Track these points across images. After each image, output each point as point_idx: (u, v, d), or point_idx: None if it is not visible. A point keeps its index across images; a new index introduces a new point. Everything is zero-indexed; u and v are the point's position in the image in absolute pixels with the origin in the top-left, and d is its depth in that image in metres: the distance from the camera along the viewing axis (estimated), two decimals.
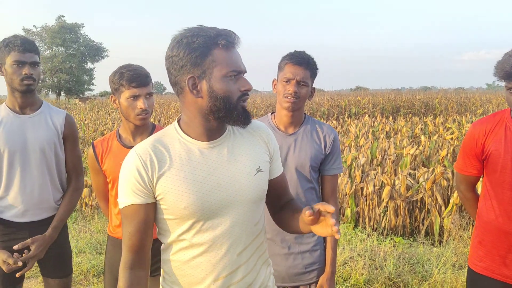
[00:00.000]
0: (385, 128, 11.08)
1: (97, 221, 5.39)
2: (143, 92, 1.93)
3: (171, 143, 1.27)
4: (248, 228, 1.30)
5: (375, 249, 4.15)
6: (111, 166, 2.01)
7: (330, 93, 27.60)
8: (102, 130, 12.29)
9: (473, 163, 1.93)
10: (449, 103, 18.84)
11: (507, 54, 1.73)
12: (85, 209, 5.93)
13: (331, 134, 1.97)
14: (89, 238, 4.77)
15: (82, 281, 3.81)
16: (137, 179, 1.23)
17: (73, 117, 2.25)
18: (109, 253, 2.12)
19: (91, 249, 4.44)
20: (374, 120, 13.71)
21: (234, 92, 1.21)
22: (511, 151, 1.79)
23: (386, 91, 24.25)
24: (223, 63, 1.19)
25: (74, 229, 5.12)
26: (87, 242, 4.60)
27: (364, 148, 7.57)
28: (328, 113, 17.94)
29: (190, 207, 1.21)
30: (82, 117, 16.98)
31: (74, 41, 50.51)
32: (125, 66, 1.96)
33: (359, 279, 3.50)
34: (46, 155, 2.11)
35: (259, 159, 1.33)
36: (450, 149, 7.14)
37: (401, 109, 18.50)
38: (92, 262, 4.04)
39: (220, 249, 1.26)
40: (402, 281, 3.51)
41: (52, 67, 48.59)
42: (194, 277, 1.28)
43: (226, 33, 1.21)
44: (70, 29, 50.12)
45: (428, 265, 3.77)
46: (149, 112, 1.97)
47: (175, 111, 18.42)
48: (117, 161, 2.01)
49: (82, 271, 3.94)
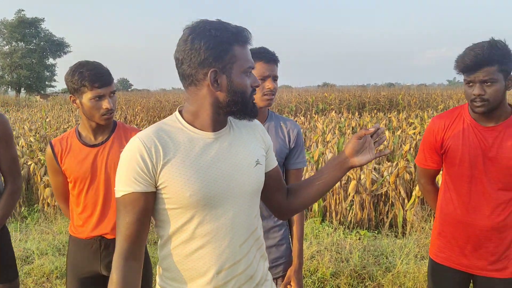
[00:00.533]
0: (351, 124, 11.30)
1: (59, 221, 5.23)
2: (107, 91, 1.89)
3: (174, 132, 1.27)
4: (248, 220, 1.32)
5: (341, 243, 4.23)
6: (72, 165, 1.96)
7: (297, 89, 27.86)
8: (65, 128, 11.93)
9: (433, 157, 1.99)
10: (412, 99, 19.38)
11: (468, 48, 1.78)
12: (47, 209, 5.75)
13: (294, 129, 2.00)
14: (51, 239, 4.62)
15: (44, 284, 3.69)
16: (140, 166, 1.20)
17: (5, 116, 2.11)
18: (71, 254, 2.06)
19: (53, 250, 4.31)
20: (341, 116, 13.96)
21: (248, 87, 1.27)
22: (468, 145, 1.85)
23: (352, 88, 24.70)
24: (242, 59, 1.24)
25: (35, 231, 4.95)
26: (50, 244, 4.46)
27: (331, 143, 7.70)
28: (296, 109, 18.11)
29: (196, 195, 1.21)
30: (44, 114, 16.41)
31: (34, 36, 48.62)
32: (83, 65, 1.89)
33: (326, 272, 3.56)
34: None
35: (256, 153, 1.36)
36: (413, 144, 7.36)
37: (366, 105, 18.89)
38: (55, 264, 3.93)
39: (223, 240, 1.26)
40: (367, 272, 3.59)
41: (12, 63, 46.62)
42: (196, 270, 1.26)
43: (244, 30, 1.26)
44: (30, 23, 48.20)
45: (392, 257, 3.88)
46: (114, 111, 1.93)
47: (142, 108, 18.09)
48: (78, 160, 1.96)
49: (44, 273, 3.82)
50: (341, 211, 5.23)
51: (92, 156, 1.96)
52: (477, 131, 1.85)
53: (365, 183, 5.27)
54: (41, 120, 14.33)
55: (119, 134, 2.03)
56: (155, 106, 18.45)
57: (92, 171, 1.95)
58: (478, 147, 1.83)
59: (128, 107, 19.38)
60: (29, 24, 48.18)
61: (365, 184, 5.25)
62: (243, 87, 1.25)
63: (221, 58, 1.21)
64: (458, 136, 1.88)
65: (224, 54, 1.22)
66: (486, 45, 1.72)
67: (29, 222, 5.39)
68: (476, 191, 1.86)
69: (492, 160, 1.82)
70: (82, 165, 1.95)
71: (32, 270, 3.88)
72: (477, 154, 1.84)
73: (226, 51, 1.22)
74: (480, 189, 1.85)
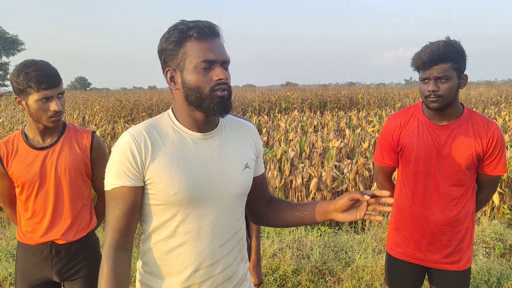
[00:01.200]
0: (313, 122, 11.47)
1: (13, 227, 5.01)
2: (55, 93, 1.81)
3: (165, 130, 1.29)
4: (231, 221, 1.33)
5: (303, 240, 4.29)
6: (19, 169, 1.86)
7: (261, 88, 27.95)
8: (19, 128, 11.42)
9: (390, 155, 2.05)
10: (371, 98, 19.90)
11: (424, 46, 1.84)
12: (0, 214, 5.49)
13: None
14: (5, 244, 4.42)
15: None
16: (130, 161, 1.23)
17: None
18: (20, 260, 1.97)
19: (7, 256, 4.13)
20: (303, 115, 14.13)
21: (206, 82, 1.23)
22: (423, 143, 1.91)
23: (314, 87, 25.06)
24: (193, 54, 1.22)
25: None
26: (3, 249, 4.27)
27: (293, 142, 7.80)
28: (259, 108, 18.18)
29: (180, 193, 1.23)
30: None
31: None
32: (29, 65, 1.80)
33: (287, 269, 3.61)
34: None
35: (247, 156, 1.37)
36: (372, 141, 7.56)
37: (328, 104, 19.23)
38: (9, 270, 3.76)
39: (204, 239, 1.28)
40: (327, 268, 3.67)
41: None
42: (175, 266, 1.28)
43: (200, 25, 1.23)
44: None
45: (351, 252, 3.98)
46: (62, 112, 1.86)
47: (100, 108, 17.58)
48: (26, 164, 1.86)
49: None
50: None
51: (41, 160, 1.88)
52: (431, 129, 1.91)
53: (326, 180, 5.38)
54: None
55: (69, 136, 1.95)
56: (115, 105, 17.98)
57: (41, 175, 1.87)
58: (432, 145, 1.90)
59: (87, 106, 18.79)
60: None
61: (326, 182, 5.36)
62: (195, 82, 1.23)
63: (174, 57, 1.25)
64: (413, 135, 1.94)
65: (176, 52, 1.24)
66: (442, 43, 1.79)
67: None
68: (430, 187, 1.92)
69: (445, 157, 1.89)
70: (30, 169, 1.86)
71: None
72: (431, 152, 1.90)
73: (177, 49, 1.24)
74: (434, 185, 1.92)
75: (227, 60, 1.27)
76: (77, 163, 1.91)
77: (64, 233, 1.91)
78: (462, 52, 1.82)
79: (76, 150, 1.93)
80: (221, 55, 1.25)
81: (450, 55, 1.78)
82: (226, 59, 1.27)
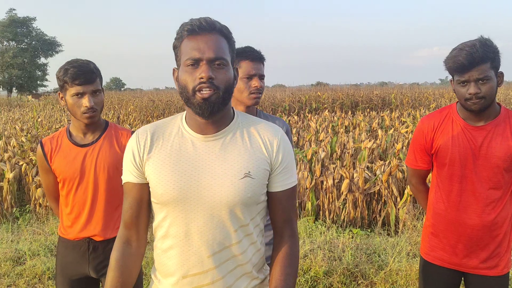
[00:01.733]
0: (344, 122, 11.33)
1: (51, 222, 5.20)
2: (88, 89, 1.87)
3: (170, 130, 1.29)
4: (224, 232, 1.23)
5: (334, 241, 4.24)
6: (61, 165, 1.94)
7: (291, 89, 27.89)
8: (57, 127, 11.83)
9: (423, 157, 2.00)
10: (404, 98, 19.48)
11: (457, 49, 1.79)
12: (39, 210, 5.71)
13: (283, 127, 2.01)
14: (43, 240, 4.59)
15: (36, 285, 3.67)
16: (131, 159, 1.28)
17: None
18: (60, 255, 2.04)
19: (45, 251, 4.28)
20: (334, 115, 13.99)
21: (191, 81, 1.19)
22: (458, 144, 1.86)
23: (345, 87, 24.76)
24: (184, 52, 1.21)
25: (27, 231, 4.92)
26: (41, 244, 4.43)
27: (324, 142, 7.72)
28: (289, 108, 18.12)
29: (166, 195, 1.22)
30: (35, 114, 16.26)
31: (26, 35, 48.27)
32: (70, 62, 1.89)
33: (319, 271, 3.57)
34: None
35: (252, 164, 1.24)
36: (405, 142, 7.39)
37: (359, 104, 18.95)
38: (47, 265, 3.90)
39: (190, 246, 1.23)
40: (359, 271, 3.61)
41: (3, 63, 46.21)
42: (168, 267, 1.27)
43: (192, 22, 1.20)
44: (22, 23, 47.85)
45: (384, 255, 3.90)
46: (96, 109, 1.90)
47: (134, 108, 18.00)
48: (68, 160, 1.94)
49: (36, 274, 3.79)
50: (334, 210, 5.24)
51: (82, 156, 1.94)
52: (467, 130, 1.86)
53: (358, 181, 5.29)
54: (33, 120, 14.22)
55: (110, 134, 2.01)
56: (148, 105, 18.36)
57: (81, 172, 1.93)
58: (468, 147, 1.85)
59: (121, 106, 19.28)
60: (21, 24, 47.85)
61: (358, 183, 5.27)
62: (182, 81, 1.21)
63: (176, 56, 1.26)
64: (448, 136, 1.89)
65: (177, 51, 1.25)
66: (478, 43, 1.73)
67: (20, 223, 5.35)
68: (466, 190, 1.87)
69: (482, 159, 1.83)
70: (71, 165, 1.93)
71: (24, 271, 3.85)
72: (467, 154, 1.85)
73: (176, 48, 1.25)
74: (470, 188, 1.86)
75: (218, 57, 1.19)
76: (115, 161, 1.96)
77: (101, 230, 1.96)
78: (497, 50, 1.77)
79: (115, 149, 1.98)
80: (209, 52, 1.18)
81: (489, 54, 1.73)
82: (215, 56, 1.18)
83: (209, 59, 1.18)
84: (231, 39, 1.26)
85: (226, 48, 1.23)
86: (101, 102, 1.94)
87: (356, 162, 6.56)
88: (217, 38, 1.21)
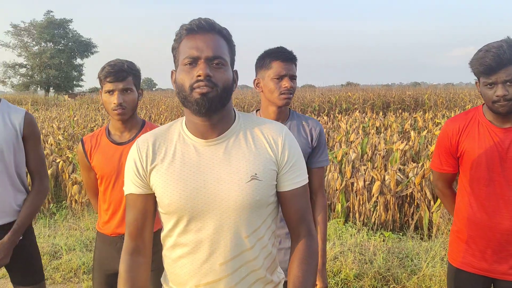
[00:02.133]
0: (375, 123, 11.15)
1: (87, 218, 5.35)
2: (117, 87, 1.92)
3: (171, 137, 1.26)
4: (235, 238, 1.20)
5: (365, 244, 4.18)
6: (100, 162, 2.00)
7: (321, 89, 27.65)
8: (92, 126, 12.19)
9: (448, 160, 1.96)
10: (438, 98, 18.97)
11: (481, 50, 1.74)
12: (75, 206, 5.90)
13: (316, 127, 1.99)
14: (79, 235, 4.74)
15: (72, 279, 3.79)
16: (133, 170, 1.25)
17: (33, 116, 2.14)
18: (98, 250, 2.11)
19: (81, 246, 4.42)
20: (365, 115, 13.78)
21: (188, 80, 1.16)
22: (485, 147, 1.82)
23: (377, 87, 24.35)
24: (181, 52, 1.19)
25: (63, 227, 5.09)
26: (77, 239, 4.58)
27: (354, 143, 7.62)
28: (319, 109, 17.99)
29: (173, 204, 1.20)
30: (71, 113, 16.81)
31: (62, 37, 50.00)
32: (109, 61, 1.97)
33: (349, 274, 3.53)
34: (5, 155, 2.01)
35: (258, 166, 1.21)
36: None
37: (391, 105, 18.60)
38: (82, 260, 4.02)
39: (201, 254, 1.20)
40: (391, 275, 3.54)
41: (41, 63, 48.06)
42: (180, 277, 1.25)
43: (191, 22, 1.19)
44: (59, 24, 49.59)
45: (417, 259, 3.81)
46: (125, 107, 1.94)
47: (166, 107, 18.32)
48: (106, 157, 2.00)
49: (72, 268, 3.92)
50: (365, 212, 5.17)
51: (119, 154, 2.00)
52: (493, 133, 1.81)
53: (389, 184, 5.20)
54: (69, 118, 14.70)
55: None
56: (179, 105, 18.63)
57: (118, 169, 1.99)
58: (495, 149, 1.80)
59: (153, 106, 19.67)
60: (58, 25, 49.59)
61: (390, 185, 5.18)
62: (180, 80, 1.18)
63: (174, 57, 1.24)
64: (474, 139, 1.85)
65: (175, 52, 1.23)
66: (505, 44, 1.69)
67: (57, 218, 5.54)
68: (494, 194, 1.82)
69: (510, 162, 1.78)
70: (109, 163, 1.99)
71: (60, 265, 3.98)
72: (494, 157, 1.80)
73: (175, 49, 1.23)
74: (499, 192, 1.81)
75: (216, 56, 1.16)
76: None
77: None
78: None
79: None
80: (207, 51, 1.16)
81: None
82: (214, 55, 1.16)
83: (208, 58, 1.16)
84: (230, 41, 1.24)
85: (225, 48, 1.21)
86: (131, 100, 1.97)
87: (387, 164, 6.44)
88: (216, 38, 1.19)
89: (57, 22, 49.38)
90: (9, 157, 2.03)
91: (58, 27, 49.56)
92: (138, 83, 2.03)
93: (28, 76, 49.42)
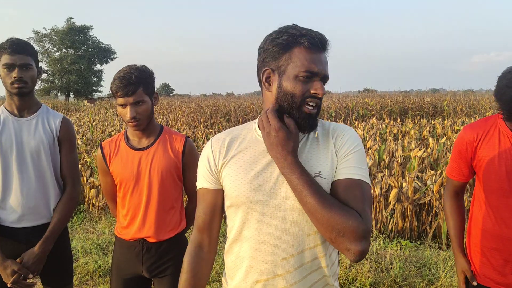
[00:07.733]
0: (393, 130, 11.01)
1: (103, 221, 5.41)
2: (128, 101, 1.90)
3: (245, 135, 1.33)
4: (297, 235, 1.22)
5: (381, 252, 4.12)
6: (118, 167, 2.02)
7: (337, 95, 27.48)
8: (110, 131, 12.35)
9: (461, 167, 1.91)
10: (458, 105, 18.64)
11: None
12: (92, 209, 5.97)
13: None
14: (95, 238, 4.79)
15: (88, 282, 3.83)
16: (205, 165, 1.33)
17: (70, 121, 2.19)
18: (116, 254, 2.12)
19: (97, 249, 4.46)
20: (382, 122, 13.63)
21: (301, 92, 1.20)
22: (505, 157, 1.75)
23: (394, 93, 24.06)
24: (298, 62, 1.20)
25: (80, 230, 5.15)
26: (94, 243, 4.63)
27: (371, 150, 7.54)
28: (336, 115, 17.87)
29: (241, 197, 1.24)
30: (91, 118, 17.08)
31: (83, 43, 50.97)
32: (119, 71, 1.93)
33: (365, 282, 3.48)
34: (42, 158, 2.07)
35: (322, 164, 1.24)
36: None
37: (409, 111, 18.35)
38: (98, 263, 4.06)
39: (264, 249, 1.23)
40: (408, 284, 3.47)
41: (61, 69, 49.04)
42: (240, 272, 1.28)
43: (313, 35, 1.21)
44: (79, 31, 50.59)
45: (435, 269, 3.73)
46: (139, 119, 1.93)
47: (182, 113, 18.46)
48: (124, 163, 2.01)
49: (88, 271, 3.96)
50: (381, 220, 5.09)
51: (137, 160, 2.01)
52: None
53: (407, 191, 5.12)
54: (88, 123, 14.92)
55: (164, 139, 2.05)
56: (196, 111, 18.76)
57: (136, 175, 2.00)
58: None
59: (170, 111, 19.83)
60: (78, 32, 50.59)
61: (407, 193, 5.10)
62: (291, 90, 1.20)
63: (276, 59, 1.23)
64: (494, 148, 1.79)
65: (280, 55, 1.22)
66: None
67: (74, 221, 5.61)
68: None
69: None
70: (127, 168, 2.00)
71: (77, 268, 4.03)
72: None
73: (283, 51, 1.22)
74: None
75: (327, 76, 1.24)
76: (169, 165, 2.00)
77: (154, 232, 2.01)
78: None
79: (169, 153, 2.02)
80: (324, 70, 1.23)
81: None
82: (326, 74, 1.24)
83: (323, 77, 1.23)
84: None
85: None
86: (145, 111, 1.94)
87: (405, 171, 6.34)
88: (326, 56, 1.25)
89: (77, 29, 50.39)
90: (47, 160, 2.09)
91: (79, 33, 50.56)
92: (151, 90, 1.98)
93: (49, 81, 50.49)
